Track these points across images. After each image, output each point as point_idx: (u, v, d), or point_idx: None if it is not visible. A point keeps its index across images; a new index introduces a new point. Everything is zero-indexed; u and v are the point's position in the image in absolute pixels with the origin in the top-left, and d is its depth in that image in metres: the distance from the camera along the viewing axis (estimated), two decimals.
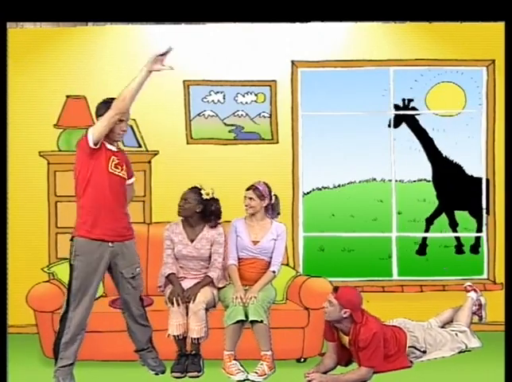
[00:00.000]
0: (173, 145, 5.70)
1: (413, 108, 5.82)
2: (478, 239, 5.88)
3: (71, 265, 4.20)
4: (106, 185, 4.17)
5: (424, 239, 5.87)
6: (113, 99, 4.15)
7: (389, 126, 5.84)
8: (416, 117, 5.84)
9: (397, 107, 5.83)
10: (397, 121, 5.85)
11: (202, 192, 4.76)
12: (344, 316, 4.29)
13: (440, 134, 5.85)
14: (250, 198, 4.81)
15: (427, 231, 5.86)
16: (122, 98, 4.08)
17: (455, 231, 5.88)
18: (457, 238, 5.88)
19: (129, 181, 4.43)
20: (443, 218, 5.90)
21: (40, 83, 5.64)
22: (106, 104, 4.17)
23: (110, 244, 4.22)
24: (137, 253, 4.45)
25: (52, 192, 5.61)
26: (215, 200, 4.80)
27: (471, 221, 5.90)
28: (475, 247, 5.87)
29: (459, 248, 5.86)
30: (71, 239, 4.23)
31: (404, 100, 5.81)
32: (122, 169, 4.27)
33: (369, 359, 4.26)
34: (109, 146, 4.23)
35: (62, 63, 5.67)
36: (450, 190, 5.90)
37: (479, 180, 5.85)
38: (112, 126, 4.13)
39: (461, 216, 5.92)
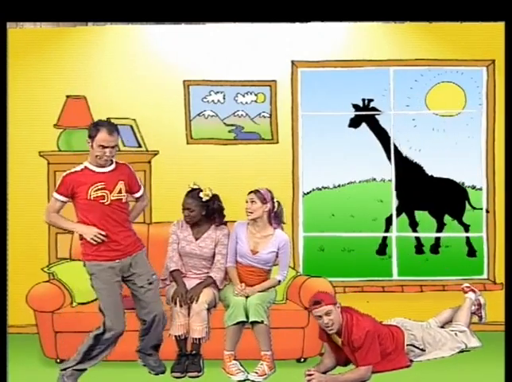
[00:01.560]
0: (173, 145, 5.70)
1: (374, 108, 5.80)
2: (438, 239, 5.87)
3: (92, 287, 4.31)
4: (99, 213, 4.22)
5: (385, 238, 5.86)
6: (102, 121, 4.30)
7: (349, 126, 5.83)
8: (377, 117, 5.82)
9: (356, 107, 5.82)
10: (357, 121, 5.83)
11: (201, 194, 4.74)
12: (341, 311, 4.31)
13: (440, 134, 5.85)
14: (252, 201, 4.74)
15: (387, 231, 5.84)
16: (48, 219, 4.45)
17: (415, 231, 5.87)
18: (417, 238, 5.86)
19: (135, 195, 4.48)
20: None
21: (41, 83, 5.64)
22: (93, 127, 4.25)
23: (116, 261, 4.28)
24: (149, 263, 4.48)
25: (52, 192, 5.60)
26: (215, 198, 4.79)
27: (431, 221, 5.90)
28: (435, 248, 5.86)
29: (419, 248, 5.85)
30: (84, 265, 4.33)
31: (364, 100, 5.80)
32: (111, 192, 4.23)
33: (365, 358, 4.26)
34: (97, 169, 4.24)
35: (62, 63, 5.66)
36: (410, 190, 5.89)
37: (439, 180, 5.84)
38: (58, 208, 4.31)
39: (421, 216, 5.91)
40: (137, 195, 4.51)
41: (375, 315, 4.52)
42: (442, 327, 4.92)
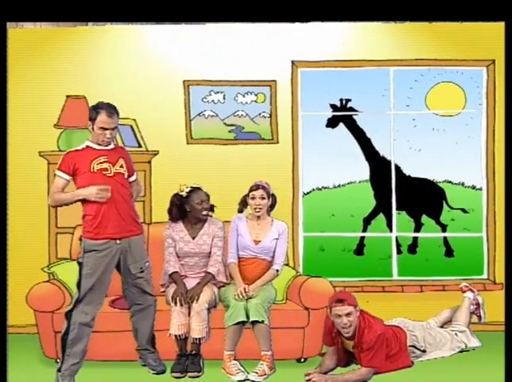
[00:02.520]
0: (173, 145, 5.70)
1: (351, 109, 5.80)
2: (415, 239, 5.87)
3: (79, 263, 4.26)
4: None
5: (362, 238, 5.86)
6: (101, 104, 4.30)
7: (327, 126, 5.83)
8: (354, 117, 5.82)
9: (334, 107, 5.82)
10: (335, 121, 5.83)
11: (181, 193, 4.78)
12: (358, 315, 4.30)
13: (440, 134, 5.85)
14: (263, 197, 4.78)
15: (364, 230, 5.84)
16: (52, 199, 4.33)
17: (391, 231, 5.88)
18: (395, 238, 5.87)
19: (130, 179, 4.45)
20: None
21: (41, 83, 5.64)
22: (93, 110, 4.30)
23: (117, 242, 4.27)
24: (144, 248, 4.50)
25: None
26: (190, 193, 4.77)
27: (409, 221, 5.90)
28: (413, 248, 5.86)
29: (397, 249, 5.85)
30: (80, 239, 4.32)
31: (342, 100, 5.79)
32: (114, 165, 4.29)
33: (371, 360, 4.26)
34: (97, 147, 4.28)
35: (62, 63, 5.67)
36: (387, 190, 5.89)
37: (417, 180, 5.85)
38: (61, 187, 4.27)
39: (399, 216, 5.91)
40: (132, 179, 4.50)
41: (375, 315, 4.51)
42: (442, 327, 4.93)
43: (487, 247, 5.81)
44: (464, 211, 5.80)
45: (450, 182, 5.90)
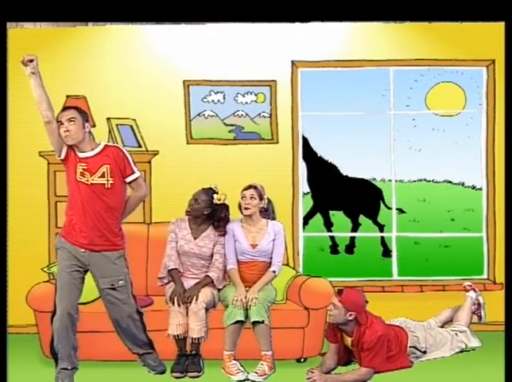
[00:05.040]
0: (173, 145, 5.69)
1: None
2: (353, 239, 5.89)
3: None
4: (77, 194, 4.18)
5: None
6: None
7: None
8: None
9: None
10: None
11: (214, 196, 4.74)
12: (349, 318, 4.29)
13: (440, 134, 5.85)
14: (252, 197, 4.76)
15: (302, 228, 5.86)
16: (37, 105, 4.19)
17: (329, 231, 5.88)
18: (332, 237, 5.88)
19: (127, 179, 4.29)
20: (441, 217, 5.89)
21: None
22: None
23: (81, 250, 4.22)
24: (124, 265, 4.32)
25: (52, 192, 5.61)
26: (225, 207, 4.79)
27: (346, 221, 5.92)
28: (350, 248, 5.87)
29: (334, 248, 5.87)
30: (56, 234, 4.39)
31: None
32: (92, 175, 4.16)
33: (371, 360, 4.25)
34: (79, 154, 4.21)
35: (62, 63, 5.66)
36: (324, 190, 5.89)
37: (354, 180, 5.87)
38: (54, 134, 4.20)
39: (336, 216, 5.93)
40: (129, 179, 4.28)
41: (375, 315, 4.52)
42: (442, 327, 4.93)
43: (487, 247, 5.81)
44: (401, 211, 5.79)
45: (450, 182, 5.90)
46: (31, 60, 4.17)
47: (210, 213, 4.76)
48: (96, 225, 4.20)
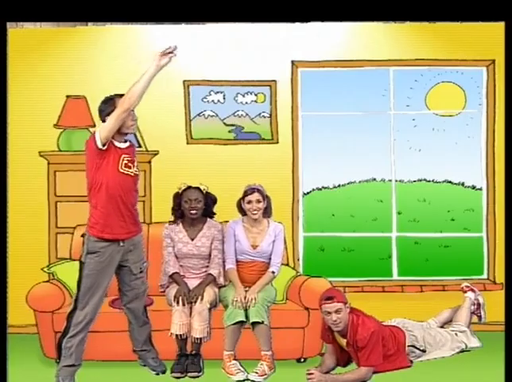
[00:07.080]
0: (173, 145, 5.70)
1: None
2: None
3: (81, 262, 4.17)
4: (118, 186, 4.12)
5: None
6: (115, 95, 4.15)
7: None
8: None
9: None
10: None
11: (201, 187, 4.79)
12: (349, 312, 4.29)
13: (440, 134, 5.85)
14: (259, 201, 4.74)
15: None
16: (130, 95, 4.05)
17: None
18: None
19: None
20: (441, 217, 5.89)
21: (41, 83, 5.64)
22: (110, 101, 4.15)
23: (121, 243, 4.21)
24: (143, 248, 4.47)
25: (52, 192, 5.61)
26: (208, 194, 4.85)
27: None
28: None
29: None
30: (83, 236, 4.21)
31: None
32: (133, 167, 4.22)
33: (368, 358, 4.25)
34: (118, 144, 4.16)
35: (62, 63, 5.67)
36: None
37: None
38: (121, 124, 4.08)
39: None
40: None
41: (375, 315, 4.50)
42: (442, 327, 4.92)
43: (487, 247, 5.81)
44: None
45: (450, 182, 5.90)
46: (171, 52, 4.10)
47: (204, 208, 4.80)
48: (132, 214, 4.27)
